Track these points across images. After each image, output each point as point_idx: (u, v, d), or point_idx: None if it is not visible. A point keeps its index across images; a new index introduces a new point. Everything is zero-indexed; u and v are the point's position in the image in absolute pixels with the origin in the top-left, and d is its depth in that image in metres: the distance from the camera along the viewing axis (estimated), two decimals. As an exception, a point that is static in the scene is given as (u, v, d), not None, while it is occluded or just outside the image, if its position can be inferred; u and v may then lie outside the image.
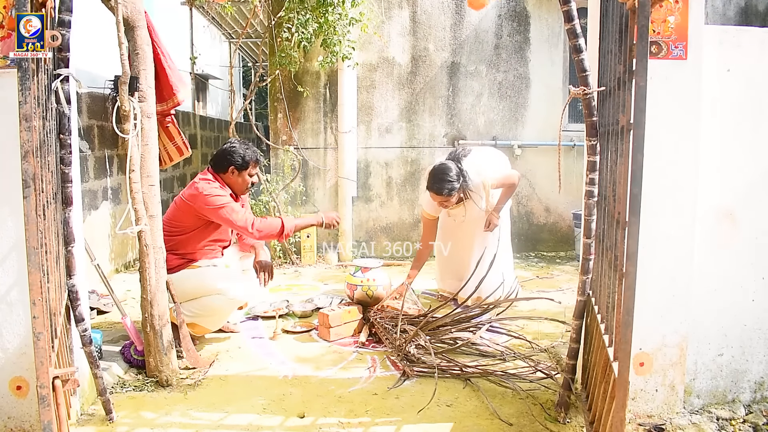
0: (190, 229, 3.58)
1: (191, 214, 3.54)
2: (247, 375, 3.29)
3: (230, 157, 3.62)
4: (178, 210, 3.60)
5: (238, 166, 3.63)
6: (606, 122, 2.48)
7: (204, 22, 9.90)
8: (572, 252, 6.47)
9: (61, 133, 2.47)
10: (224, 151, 3.65)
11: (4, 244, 2.38)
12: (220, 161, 3.65)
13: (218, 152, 3.68)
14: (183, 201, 3.57)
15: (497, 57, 6.31)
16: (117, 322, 3.98)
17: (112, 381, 3.10)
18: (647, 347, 2.57)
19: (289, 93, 6.11)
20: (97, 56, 5.79)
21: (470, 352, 3.50)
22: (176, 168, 7.71)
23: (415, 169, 6.35)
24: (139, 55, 3.06)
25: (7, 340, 2.43)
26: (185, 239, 3.59)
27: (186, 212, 3.56)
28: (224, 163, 3.63)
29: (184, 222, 3.58)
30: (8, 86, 2.24)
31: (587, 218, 2.57)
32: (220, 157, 3.65)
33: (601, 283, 2.49)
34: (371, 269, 4.06)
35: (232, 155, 3.62)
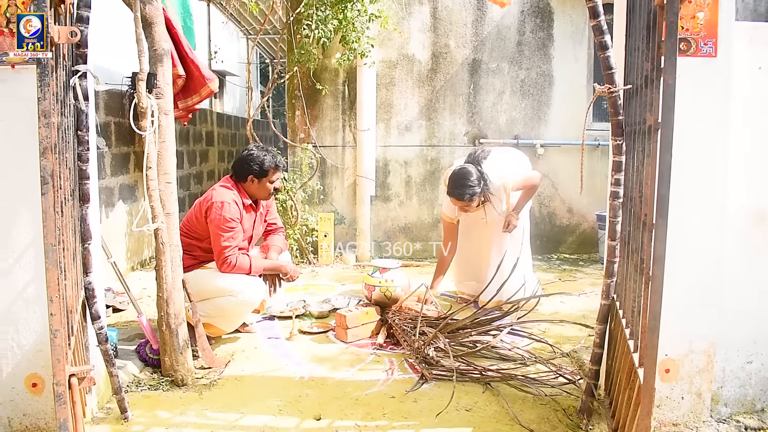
0: (203, 237, 3.61)
1: (203, 222, 3.57)
2: (262, 375, 3.30)
3: (248, 165, 3.62)
4: (193, 216, 3.64)
5: (257, 174, 3.63)
6: (632, 121, 2.46)
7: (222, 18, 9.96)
8: (596, 254, 6.42)
9: (79, 130, 2.50)
10: (242, 159, 3.65)
11: (22, 241, 2.41)
12: (239, 169, 3.66)
13: (237, 159, 3.69)
14: (199, 206, 3.61)
15: (519, 54, 6.28)
16: (133, 321, 4.02)
17: (127, 379, 3.13)
18: (673, 353, 2.54)
19: (307, 90, 6.13)
20: (115, 53, 5.85)
21: (490, 356, 3.48)
22: (193, 165, 7.77)
23: (434, 168, 6.34)
24: (156, 51, 3.08)
25: (23, 337, 2.46)
26: (198, 245, 3.64)
27: (199, 219, 3.59)
28: (243, 171, 3.65)
29: (198, 230, 3.62)
30: (27, 82, 2.27)
31: (612, 220, 2.55)
32: (239, 164, 3.66)
33: (626, 286, 2.47)
34: (390, 270, 4.06)
35: (249, 164, 3.62)
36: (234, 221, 3.51)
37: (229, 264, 3.49)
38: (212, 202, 3.51)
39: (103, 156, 5.03)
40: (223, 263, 3.49)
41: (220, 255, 3.49)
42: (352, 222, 6.34)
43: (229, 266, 3.49)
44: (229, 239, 3.49)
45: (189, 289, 3.34)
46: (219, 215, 3.47)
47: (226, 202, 3.51)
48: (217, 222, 3.47)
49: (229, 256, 3.49)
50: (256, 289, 3.61)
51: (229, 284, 3.50)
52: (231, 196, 3.57)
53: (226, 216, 3.48)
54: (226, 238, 3.48)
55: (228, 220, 3.48)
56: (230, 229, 3.49)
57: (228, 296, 3.50)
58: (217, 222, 3.47)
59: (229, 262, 3.48)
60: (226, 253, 3.48)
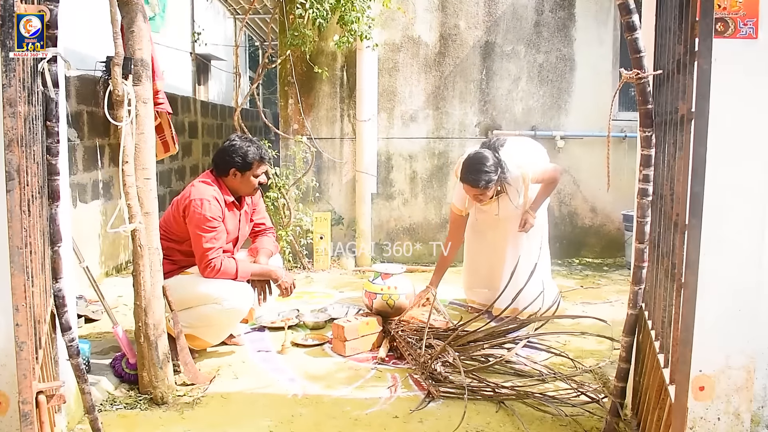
0: (182, 240, 3.62)
1: (182, 223, 3.58)
2: (251, 393, 3.30)
3: (229, 157, 3.63)
4: (171, 215, 3.65)
5: (240, 168, 3.64)
6: (663, 111, 2.45)
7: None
8: (622, 259, 6.41)
9: (48, 120, 2.50)
10: (223, 150, 3.66)
11: (-16, 243, 2.41)
12: (220, 162, 3.66)
13: (218, 152, 3.70)
14: (176, 205, 3.62)
15: (537, 36, 6.28)
16: (107, 332, 4.02)
17: (101, 397, 3.13)
18: (708, 369, 2.54)
19: (301, 76, 6.13)
20: (88, 35, 5.86)
21: (504, 371, 3.48)
22: (174, 159, 7.78)
23: (442, 162, 6.34)
24: (134, 33, 3.08)
25: (-15, 350, 2.46)
26: (177, 249, 3.64)
27: (177, 220, 3.60)
28: (224, 165, 3.65)
29: (176, 231, 3.63)
30: (-10, 67, 2.27)
31: (640, 220, 2.54)
32: (220, 157, 3.67)
33: (655, 294, 2.47)
34: (392, 275, 4.06)
35: (231, 155, 3.63)
36: (215, 220, 3.51)
37: (212, 268, 3.48)
38: (190, 199, 3.51)
39: (75, 149, 5.04)
40: (206, 267, 3.49)
41: (202, 258, 3.49)
42: (351, 222, 6.34)
43: (213, 270, 3.49)
44: (212, 240, 3.49)
45: (170, 296, 3.35)
46: (199, 214, 3.47)
47: (205, 200, 3.51)
48: (197, 222, 3.47)
49: (213, 259, 3.49)
50: (244, 296, 3.61)
51: (213, 291, 3.50)
52: (211, 192, 3.57)
53: (206, 215, 3.48)
54: (208, 239, 3.48)
55: (209, 219, 3.48)
56: (212, 229, 3.49)
57: (212, 304, 3.51)
58: (197, 222, 3.47)
59: (212, 266, 3.48)
60: (209, 256, 3.48)
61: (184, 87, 10.36)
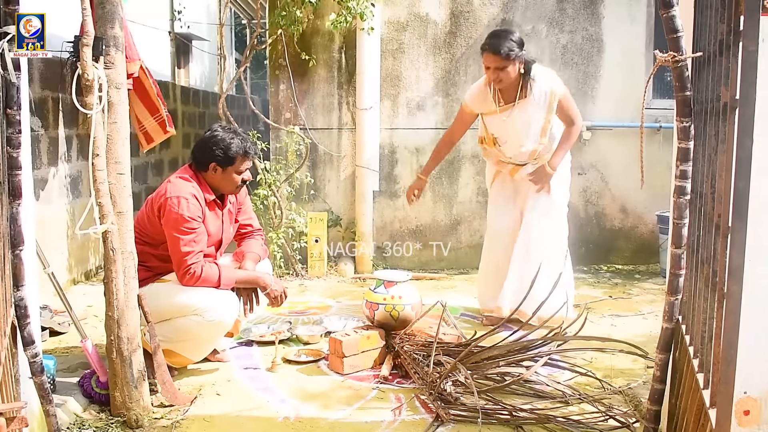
0: (158, 242, 3.61)
1: (157, 224, 3.57)
2: (237, 415, 3.30)
3: (210, 150, 3.62)
4: (145, 215, 3.64)
5: (221, 162, 3.63)
6: (703, 98, 2.45)
7: (188, -31, 10.02)
8: (656, 265, 6.41)
9: (8, 108, 2.50)
10: (203, 142, 3.66)
11: (-64, 246, 2.41)
12: (199, 155, 3.66)
13: (197, 143, 3.70)
14: (150, 203, 3.60)
15: (561, 13, 6.27)
16: (75, 346, 4.03)
17: (68, 420, 3.13)
18: (754, 391, 2.53)
19: (293, 59, 6.13)
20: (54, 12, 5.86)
21: (523, 392, 3.48)
22: (150, 153, 7.79)
23: (453, 156, 6.33)
24: (106, 9, 3.08)
25: (-62, 367, 2.46)
26: (152, 253, 3.63)
27: (152, 220, 3.59)
28: (203, 158, 3.64)
29: (151, 233, 3.62)
30: (-57, 48, 2.27)
31: (677, 222, 2.53)
32: (200, 149, 3.66)
33: (694, 306, 2.46)
34: (397, 283, 4.06)
35: (212, 148, 3.62)
36: (195, 220, 3.51)
37: (192, 275, 3.48)
38: (166, 197, 3.50)
39: (39, 140, 5.05)
40: (185, 274, 3.48)
41: (180, 264, 3.48)
42: (350, 223, 6.35)
43: (193, 277, 3.48)
44: (190, 243, 3.48)
45: (146, 307, 3.35)
46: (176, 213, 3.46)
47: (182, 197, 3.50)
48: (174, 222, 3.47)
49: (192, 264, 3.48)
50: (228, 307, 3.60)
51: (193, 301, 3.50)
52: (189, 189, 3.56)
53: (184, 214, 3.47)
54: (186, 241, 3.47)
55: (187, 220, 3.48)
56: (191, 231, 3.49)
57: (192, 315, 3.50)
58: (174, 222, 3.47)
59: (192, 272, 3.48)
60: (187, 261, 3.47)
61: (162, 71, 10.40)
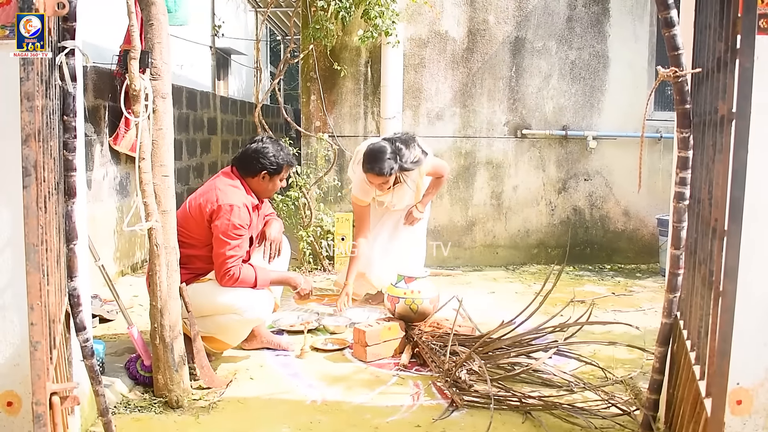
0: (203, 244, 3.60)
1: (205, 227, 3.56)
2: (269, 398, 3.32)
3: (263, 160, 3.66)
4: (190, 218, 3.60)
5: (271, 171, 3.68)
6: (702, 111, 2.43)
7: (228, -11, 10.07)
8: (656, 265, 6.35)
9: (65, 115, 2.53)
10: (256, 152, 3.68)
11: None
12: (249, 164, 3.68)
13: (247, 153, 3.71)
14: (199, 208, 3.56)
15: (570, 31, 6.24)
16: (122, 333, 4.06)
17: (115, 399, 3.16)
18: (746, 382, 2.50)
19: (324, 72, 6.15)
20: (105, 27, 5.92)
21: (531, 381, 3.47)
22: (193, 156, 7.85)
23: (469, 162, 6.33)
24: (153, 25, 3.12)
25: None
26: (195, 255, 3.60)
27: (200, 223, 3.57)
28: (255, 166, 3.67)
29: (195, 233, 3.59)
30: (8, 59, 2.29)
31: (676, 225, 2.52)
32: (250, 159, 3.68)
33: (691, 303, 2.44)
34: (416, 279, 4.06)
35: (264, 158, 3.66)
36: (243, 228, 3.53)
37: (231, 276, 3.49)
38: (220, 204, 3.49)
39: (92, 144, 5.10)
40: (225, 275, 3.49)
41: (222, 266, 3.49)
42: (374, 223, 6.33)
43: (231, 279, 3.50)
44: (235, 248, 3.50)
45: (186, 297, 3.37)
46: (227, 220, 3.47)
47: (236, 206, 3.51)
48: (225, 228, 3.47)
49: (232, 267, 3.49)
50: (265, 305, 3.65)
51: (233, 301, 3.51)
52: (241, 198, 3.57)
53: (235, 222, 3.49)
54: (233, 246, 3.49)
55: (237, 227, 3.50)
56: (238, 237, 3.50)
57: (232, 314, 3.53)
58: (225, 228, 3.47)
59: (231, 275, 3.49)
60: (229, 263, 3.48)
61: (204, 82, 10.45)
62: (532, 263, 6.48)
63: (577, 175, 6.41)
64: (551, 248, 6.49)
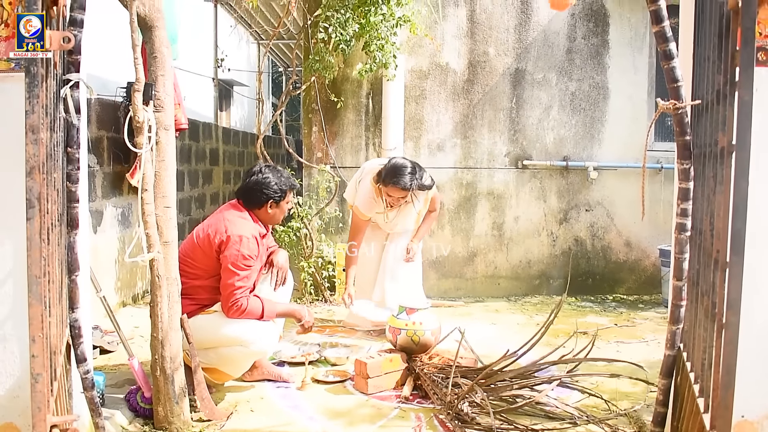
0: (209, 275, 3.60)
1: (213, 258, 3.56)
2: (270, 431, 3.29)
3: (266, 191, 3.68)
4: (198, 248, 3.60)
5: (277, 198, 3.71)
6: (702, 142, 2.44)
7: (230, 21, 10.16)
8: (658, 296, 6.33)
9: (69, 147, 2.55)
10: (258, 184, 3.69)
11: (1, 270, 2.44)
12: (254, 196, 3.70)
13: (249, 186, 3.71)
14: (207, 239, 3.56)
15: (570, 63, 6.30)
16: (122, 364, 4.04)
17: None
18: (751, 415, 2.48)
19: (325, 103, 6.19)
20: (108, 59, 5.98)
21: (534, 413, 3.44)
22: (194, 187, 7.87)
23: (470, 193, 6.34)
24: (156, 58, 3.15)
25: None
26: (201, 286, 3.61)
27: (208, 254, 3.57)
28: (260, 198, 3.69)
29: (201, 264, 3.60)
30: (13, 92, 2.31)
31: (678, 256, 2.52)
32: (254, 191, 3.69)
33: (694, 334, 2.44)
34: (418, 310, 4.05)
35: (268, 188, 3.68)
36: (252, 259, 3.54)
37: (239, 308, 3.49)
38: (229, 235, 3.50)
39: (94, 175, 5.12)
40: (232, 306, 3.48)
41: (230, 297, 3.48)
42: (375, 254, 6.33)
43: (239, 310, 3.49)
44: (244, 279, 3.51)
45: (188, 329, 3.36)
46: (237, 251, 3.48)
47: (245, 237, 3.52)
48: (234, 258, 3.48)
49: (240, 298, 3.49)
50: (271, 338, 3.67)
51: (239, 333, 3.51)
52: (251, 230, 3.59)
53: (244, 252, 3.50)
54: (242, 277, 3.49)
55: (246, 258, 3.50)
56: (247, 268, 3.51)
57: (237, 346, 3.53)
58: (234, 258, 3.48)
59: (239, 305, 3.49)
60: (237, 294, 3.48)
61: (206, 113, 10.52)
62: (534, 294, 6.47)
63: (578, 206, 6.43)
64: (553, 279, 6.48)
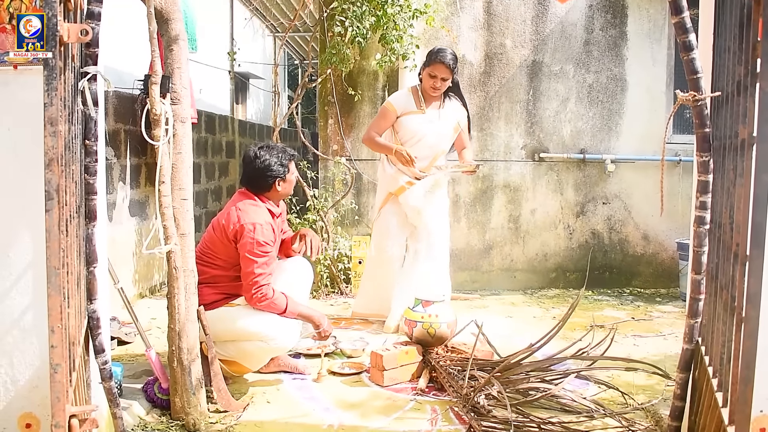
0: (230, 265, 3.64)
1: (231, 248, 3.59)
2: (285, 422, 3.31)
3: (270, 172, 3.69)
4: (216, 239, 3.64)
5: (282, 175, 3.72)
6: (722, 134, 2.42)
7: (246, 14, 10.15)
8: (676, 289, 6.29)
9: (87, 139, 2.56)
10: (260, 170, 3.69)
11: (20, 261, 2.46)
12: (260, 182, 3.71)
13: (252, 174, 3.71)
14: (222, 229, 3.60)
15: (587, 55, 6.25)
16: (140, 355, 4.07)
17: (132, 422, 3.17)
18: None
19: (341, 96, 6.19)
20: (126, 52, 6.00)
21: (550, 407, 3.43)
22: (211, 180, 7.90)
23: (486, 186, 6.32)
24: (173, 51, 3.16)
25: (18, 371, 2.50)
26: (223, 275, 3.65)
27: (226, 244, 3.60)
28: (267, 181, 3.70)
29: (222, 254, 3.64)
30: (31, 85, 2.33)
31: (697, 250, 2.50)
32: (259, 177, 3.70)
33: (713, 328, 2.42)
34: (433, 303, 4.05)
35: (270, 170, 3.69)
36: (269, 245, 3.56)
37: (263, 296, 3.51)
38: (242, 224, 3.53)
39: (112, 168, 5.15)
40: (256, 293, 3.50)
41: (252, 285, 3.50)
42: (391, 247, 6.33)
43: (264, 298, 3.51)
44: (263, 266, 3.53)
45: (205, 320, 3.38)
46: (252, 239, 3.51)
47: (258, 224, 3.55)
48: (250, 246, 3.51)
49: (264, 286, 3.51)
50: (292, 335, 3.68)
51: (261, 328, 3.53)
52: (264, 217, 3.61)
53: (259, 239, 3.52)
54: (260, 264, 3.51)
55: (262, 244, 3.53)
56: (264, 254, 3.53)
57: (257, 341, 3.55)
58: (250, 246, 3.51)
59: (263, 294, 3.51)
60: (259, 281, 3.50)
61: (222, 106, 10.55)
62: (551, 287, 6.44)
63: (595, 199, 6.39)
64: (570, 272, 6.45)
